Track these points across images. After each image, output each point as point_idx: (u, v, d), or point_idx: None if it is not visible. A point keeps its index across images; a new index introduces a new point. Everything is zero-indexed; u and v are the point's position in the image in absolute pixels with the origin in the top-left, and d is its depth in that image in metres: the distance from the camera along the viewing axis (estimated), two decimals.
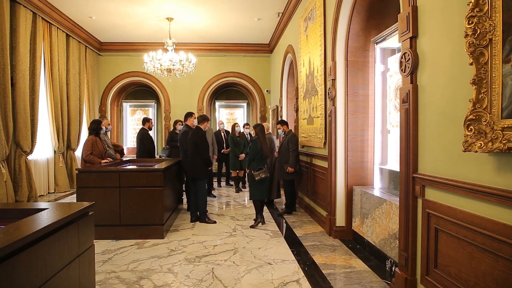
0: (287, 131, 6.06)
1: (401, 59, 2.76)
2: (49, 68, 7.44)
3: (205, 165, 5.34)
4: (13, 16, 6.24)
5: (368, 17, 4.24)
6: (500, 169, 1.86)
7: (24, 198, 6.37)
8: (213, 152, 7.31)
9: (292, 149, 5.77)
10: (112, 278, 3.27)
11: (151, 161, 6.11)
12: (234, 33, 9.24)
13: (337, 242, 4.35)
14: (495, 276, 1.89)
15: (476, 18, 1.84)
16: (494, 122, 1.79)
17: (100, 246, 4.11)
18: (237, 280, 3.23)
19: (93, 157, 5.18)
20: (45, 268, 1.73)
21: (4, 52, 5.87)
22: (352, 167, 4.40)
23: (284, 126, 6.11)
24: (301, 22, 6.31)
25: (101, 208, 4.32)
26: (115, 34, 9.33)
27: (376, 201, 3.69)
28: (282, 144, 5.97)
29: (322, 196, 5.19)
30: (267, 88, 10.75)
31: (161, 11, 7.57)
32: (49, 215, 1.95)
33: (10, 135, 6.07)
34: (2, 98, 5.89)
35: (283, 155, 5.90)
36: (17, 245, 1.50)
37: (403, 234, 2.77)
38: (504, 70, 1.74)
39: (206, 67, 10.46)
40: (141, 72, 10.08)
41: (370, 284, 3.13)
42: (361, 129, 4.41)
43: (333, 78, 4.53)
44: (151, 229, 4.48)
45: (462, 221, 2.14)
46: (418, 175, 2.60)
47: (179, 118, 8.28)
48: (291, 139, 5.82)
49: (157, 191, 4.51)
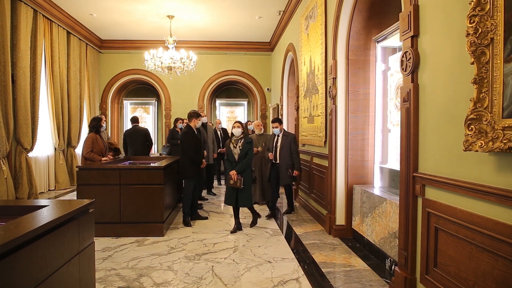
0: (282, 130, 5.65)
1: (402, 58, 2.75)
2: (49, 66, 7.44)
3: (192, 164, 5.10)
4: (14, 13, 6.23)
5: (369, 16, 4.24)
6: (501, 169, 1.86)
7: (24, 195, 6.38)
8: (214, 151, 7.26)
9: (297, 150, 5.51)
10: (112, 275, 3.28)
11: (151, 159, 6.11)
12: (235, 31, 9.22)
13: (337, 240, 4.35)
14: (495, 276, 1.89)
15: (478, 17, 1.84)
16: (495, 122, 1.78)
17: (100, 243, 4.11)
18: (237, 278, 3.24)
19: (94, 155, 5.18)
20: (45, 265, 1.73)
21: (4, 49, 5.86)
22: (353, 166, 4.40)
23: (281, 125, 5.71)
24: (302, 20, 6.30)
25: (101, 206, 4.33)
26: (116, 31, 9.32)
27: (376, 200, 3.70)
28: (283, 146, 5.46)
29: (322, 195, 5.19)
30: (268, 87, 10.74)
31: (162, 9, 7.55)
32: (50, 212, 1.96)
33: (11, 132, 6.07)
34: (3, 95, 5.89)
35: (284, 158, 5.44)
36: (18, 242, 1.50)
37: (403, 233, 2.77)
38: (505, 70, 1.74)
39: (207, 65, 10.45)
40: (141, 69, 10.07)
41: (370, 283, 3.14)
42: (362, 128, 4.40)
43: (334, 76, 4.53)
44: (151, 227, 4.49)
45: (462, 221, 2.14)
46: (418, 174, 2.59)
47: (180, 116, 8.28)
48: (294, 140, 5.50)
49: (157, 189, 4.51)
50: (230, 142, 4.80)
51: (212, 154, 7.20)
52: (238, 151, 4.71)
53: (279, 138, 5.53)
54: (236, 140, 4.77)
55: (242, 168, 4.68)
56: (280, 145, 5.47)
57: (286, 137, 5.49)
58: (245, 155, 4.69)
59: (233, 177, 4.62)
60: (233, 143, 4.77)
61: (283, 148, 5.44)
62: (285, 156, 5.42)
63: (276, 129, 5.58)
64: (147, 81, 10.59)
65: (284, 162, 5.42)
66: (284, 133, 5.55)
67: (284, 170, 5.43)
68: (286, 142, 5.44)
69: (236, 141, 4.77)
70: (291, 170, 5.42)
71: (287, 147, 5.42)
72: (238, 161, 4.69)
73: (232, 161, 4.75)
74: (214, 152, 7.30)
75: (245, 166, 4.70)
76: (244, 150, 4.69)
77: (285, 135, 5.52)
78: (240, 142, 4.73)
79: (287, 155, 5.43)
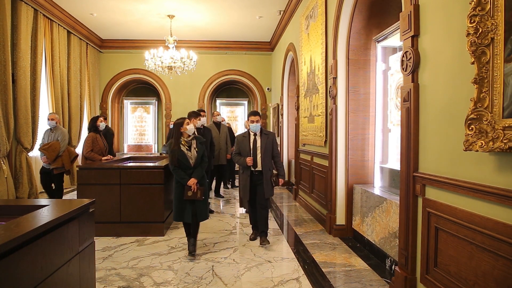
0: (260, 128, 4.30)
1: (403, 58, 2.75)
2: (50, 65, 7.44)
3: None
4: (14, 12, 6.24)
5: (369, 16, 4.23)
6: (501, 169, 1.86)
7: (24, 195, 6.39)
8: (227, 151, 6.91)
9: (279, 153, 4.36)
10: (112, 275, 3.28)
11: (151, 158, 6.11)
12: (235, 30, 9.22)
13: (337, 240, 4.35)
14: (495, 275, 1.89)
15: (478, 17, 1.83)
16: (495, 122, 1.78)
17: (100, 243, 4.11)
18: (237, 277, 3.24)
19: (94, 154, 5.19)
20: (45, 264, 1.73)
21: (5, 49, 5.87)
22: (353, 165, 4.40)
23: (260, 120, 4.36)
24: (303, 20, 6.30)
25: (101, 205, 4.34)
26: (116, 31, 9.33)
27: (377, 199, 3.70)
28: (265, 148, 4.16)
29: (322, 195, 5.19)
30: (268, 86, 10.74)
31: (162, 8, 7.56)
32: (50, 211, 1.96)
33: (11, 132, 6.08)
34: (3, 95, 5.90)
35: (267, 164, 4.20)
36: (18, 241, 1.50)
37: (403, 233, 2.77)
38: (505, 70, 1.74)
39: (207, 64, 10.45)
40: (142, 69, 10.08)
41: (370, 283, 3.14)
42: (362, 127, 4.40)
43: (334, 76, 4.53)
44: (151, 227, 4.49)
45: (462, 220, 2.14)
46: (418, 174, 2.59)
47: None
48: (276, 140, 4.35)
49: (157, 188, 4.51)
50: (180, 144, 3.78)
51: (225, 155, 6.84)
52: (194, 154, 3.81)
53: (258, 138, 4.22)
54: (188, 141, 3.82)
55: (201, 174, 3.86)
56: (261, 146, 4.18)
57: (267, 136, 4.23)
58: (201, 158, 3.88)
59: (193, 187, 3.74)
60: (184, 144, 3.78)
61: (266, 150, 4.18)
62: (269, 160, 4.23)
63: (255, 125, 4.19)
64: (147, 80, 10.59)
65: (267, 168, 4.20)
66: (263, 131, 4.27)
67: (268, 180, 4.19)
68: (268, 143, 4.20)
69: (189, 142, 3.82)
70: (276, 178, 4.27)
71: (269, 149, 4.20)
72: (194, 167, 3.82)
73: (185, 168, 3.79)
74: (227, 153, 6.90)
75: (203, 171, 3.90)
76: (200, 153, 3.85)
77: (265, 133, 4.26)
78: (194, 142, 3.85)
79: (270, 159, 4.24)
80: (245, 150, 4.19)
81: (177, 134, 3.79)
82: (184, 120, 3.81)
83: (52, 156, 5.29)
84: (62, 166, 5.39)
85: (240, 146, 4.26)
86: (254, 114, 4.23)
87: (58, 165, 5.36)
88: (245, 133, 4.32)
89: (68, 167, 5.45)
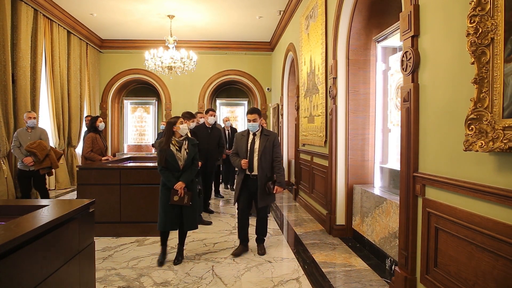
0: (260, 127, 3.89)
1: (403, 58, 2.75)
2: (50, 65, 7.45)
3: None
4: (14, 12, 6.24)
5: (369, 16, 4.24)
6: (501, 169, 1.86)
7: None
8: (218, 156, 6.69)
9: (280, 157, 3.88)
10: (112, 275, 3.28)
11: (151, 158, 6.11)
12: (235, 31, 9.22)
13: (337, 240, 4.35)
14: (495, 275, 1.89)
15: (478, 17, 1.83)
16: (495, 122, 1.78)
17: (100, 243, 4.11)
18: (237, 278, 3.24)
19: (94, 154, 5.19)
20: (45, 264, 1.73)
21: (5, 49, 5.87)
22: (353, 165, 4.40)
23: (262, 119, 4.06)
24: (303, 20, 6.30)
25: (101, 205, 4.34)
26: (116, 31, 9.33)
27: (376, 199, 3.70)
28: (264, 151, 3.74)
29: (322, 195, 5.19)
30: (268, 86, 10.74)
31: (162, 9, 7.56)
32: (50, 212, 1.96)
33: (11, 132, 6.07)
34: (3, 95, 5.90)
35: (265, 168, 3.76)
36: (18, 241, 1.50)
37: (403, 233, 2.77)
38: (505, 70, 1.74)
39: (207, 64, 10.45)
40: (142, 69, 10.08)
41: (370, 283, 3.14)
42: (362, 127, 4.40)
43: (334, 76, 4.53)
44: (151, 227, 4.48)
45: (462, 220, 2.14)
46: (418, 174, 2.59)
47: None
48: (277, 141, 3.89)
49: (157, 188, 4.49)
50: (170, 143, 3.54)
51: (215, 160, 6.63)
52: (184, 156, 3.55)
53: (257, 139, 3.81)
54: (179, 141, 3.57)
55: (190, 178, 3.58)
56: (260, 148, 3.76)
57: (267, 138, 3.80)
58: (191, 161, 3.61)
59: (180, 191, 3.48)
60: (174, 144, 3.54)
61: (264, 153, 3.75)
62: (267, 165, 3.78)
63: (251, 124, 3.79)
64: (147, 80, 10.59)
65: (264, 173, 3.76)
66: (264, 132, 3.85)
67: (263, 186, 3.75)
68: (268, 145, 3.77)
69: (180, 142, 3.56)
70: (272, 185, 3.76)
71: (268, 152, 3.78)
72: (183, 170, 3.56)
73: (173, 170, 3.53)
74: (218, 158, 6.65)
75: (193, 175, 3.63)
76: (191, 155, 3.59)
77: (265, 134, 3.83)
78: (185, 143, 3.60)
79: (269, 163, 3.80)
80: (242, 150, 3.83)
81: (169, 133, 3.54)
82: (178, 119, 3.58)
83: (43, 155, 5.02)
84: (50, 165, 5.15)
85: (237, 145, 3.89)
86: (251, 112, 3.78)
87: (47, 165, 5.10)
88: (244, 132, 3.93)
89: (56, 167, 5.22)
